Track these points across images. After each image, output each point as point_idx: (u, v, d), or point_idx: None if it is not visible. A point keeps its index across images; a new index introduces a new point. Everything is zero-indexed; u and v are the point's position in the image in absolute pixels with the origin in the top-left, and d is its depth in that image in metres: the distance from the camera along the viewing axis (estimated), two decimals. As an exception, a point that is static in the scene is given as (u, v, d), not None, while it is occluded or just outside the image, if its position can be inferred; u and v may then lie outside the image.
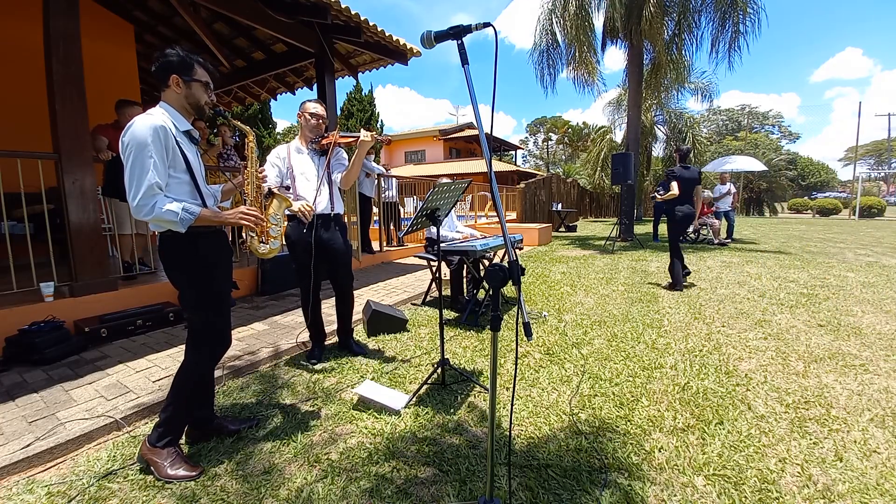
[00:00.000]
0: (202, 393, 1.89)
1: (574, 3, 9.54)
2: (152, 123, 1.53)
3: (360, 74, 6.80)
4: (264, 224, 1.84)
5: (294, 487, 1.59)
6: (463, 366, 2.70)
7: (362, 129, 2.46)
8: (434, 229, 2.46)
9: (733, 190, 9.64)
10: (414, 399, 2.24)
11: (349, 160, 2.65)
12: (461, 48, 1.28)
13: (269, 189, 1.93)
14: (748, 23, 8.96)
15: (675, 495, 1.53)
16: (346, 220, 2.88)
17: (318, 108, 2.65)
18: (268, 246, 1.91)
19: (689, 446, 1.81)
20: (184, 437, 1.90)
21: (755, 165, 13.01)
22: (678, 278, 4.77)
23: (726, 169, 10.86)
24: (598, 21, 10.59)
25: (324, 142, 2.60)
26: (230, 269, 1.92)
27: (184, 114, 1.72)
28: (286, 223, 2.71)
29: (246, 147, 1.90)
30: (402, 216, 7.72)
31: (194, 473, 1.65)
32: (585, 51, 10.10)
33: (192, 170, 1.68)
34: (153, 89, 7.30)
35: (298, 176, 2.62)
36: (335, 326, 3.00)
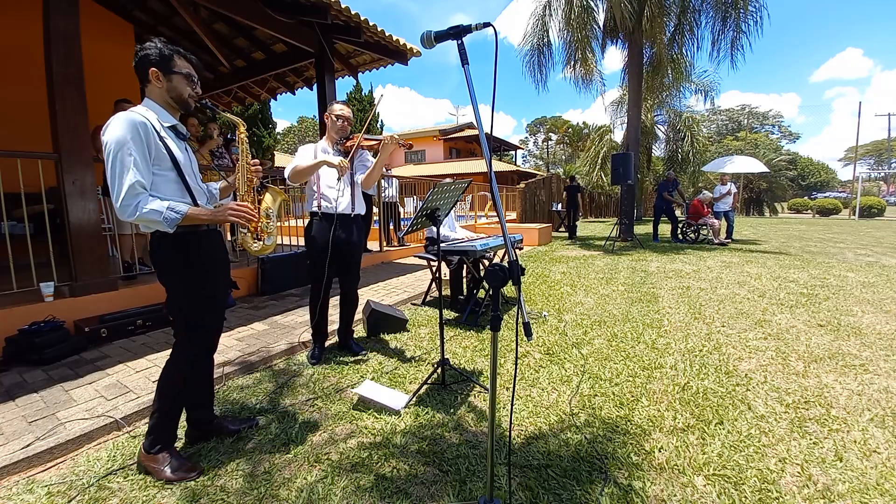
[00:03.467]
0: (195, 393, 1.87)
1: (578, 2, 9.52)
2: (131, 120, 1.48)
3: (360, 74, 6.81)
4: (257, 219, 1.74)
5: (294, 487, 1.59)
6: (463, 366, 2.70)
7: (385, 134, 2.49)
8: (434, 228, 2.46)
9: (734, 190, 9.53)
10: (414, 399, 2.24)
11: (372, 162, 2.69)
12: (461, 48, 1.28)
13: (262, 183, 1.86)
14: (750, 21, 8.94)
15: (675, 495, 1.53)
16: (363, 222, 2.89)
17: (345, 110, 2.68)
18: (261, 243, 1.81)
19: (689, 446, 1.81)
20: (184, 437, 1.91)
21: (756, 167, 12.62)
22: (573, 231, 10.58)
23: (725, 170, 10.72)
24: (599, 20, 10.59)
25: (347, 143, 2.62)
26: (224, 269, 1.84)
27: (168, 109, 1.65)
28: (309, 220, 2.75)
29: (237, 139, 1.81)
30: (402, 216, 7.73)
31: (193, 474, 1.65)
32: (586, 50, 10.09)
33: (180, 166, 1.61)
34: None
35: (322, 175, 2.64)
36: (336, 326, 3.00)
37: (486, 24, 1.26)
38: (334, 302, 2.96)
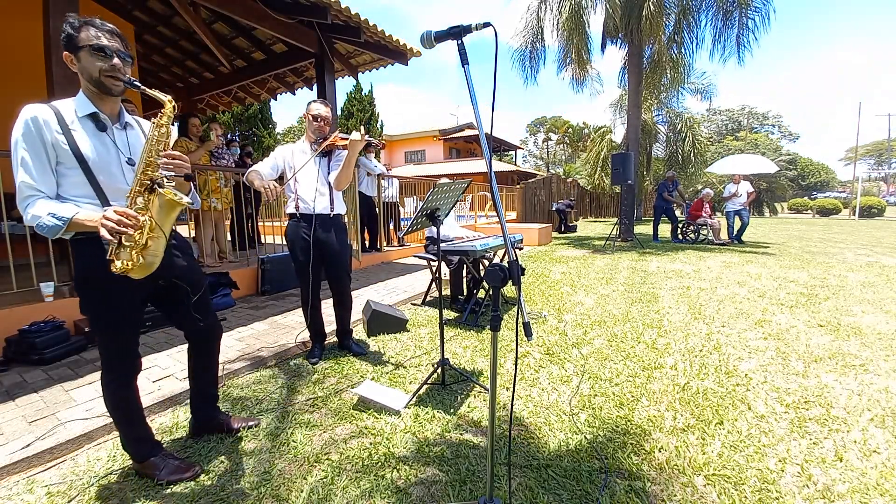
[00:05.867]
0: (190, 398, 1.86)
1: (568, 7, 9.51)
2: (25, 116, 1.33)
3: (360, 74, 6.81)
4: (133, 231, 1.28)
5: (294, 487, 1.59)
6: (463, 366, 2.70)
7: (354, 131, 2.45)
8: (434, 228, 2.46)
9: (749, 189, 9.09)
10: (414, 399, 2.24)
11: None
12: (461, 48, 1.28)
13: (156, 183, 1.38)
14: (755, 17, 8.85)
15: (675, 495, 1.53)
16: (346, 222, 2.86)
17: (321, 110, 2.65)
18: (120, 263, 1.31)
19: (689, 446, 1.81)
20: (185, 434, 1.91)
21: (765, 166, 10.49)
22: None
23: (731, 170, 10.23)
24: (598, 21, 10.60)
25: (323, 143, 2.60)
26: (140, 284, 1.45)
27: (89, 94, 1.45)
28: (287, 221, 2.73)
29: (154, 122, 1.41)
30: (402, 216, 7.74)
31: (190, 473, 1.64)
32: (581, 52, 10.09)
33: (87, 163, 1.37)
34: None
35: (299, 176, 2.62)
36: (335, 327, 3.00)
37: (486, 25, 1.25)
38: (331, 302, 2.96)
